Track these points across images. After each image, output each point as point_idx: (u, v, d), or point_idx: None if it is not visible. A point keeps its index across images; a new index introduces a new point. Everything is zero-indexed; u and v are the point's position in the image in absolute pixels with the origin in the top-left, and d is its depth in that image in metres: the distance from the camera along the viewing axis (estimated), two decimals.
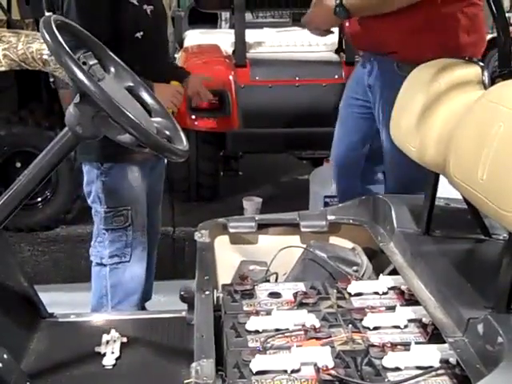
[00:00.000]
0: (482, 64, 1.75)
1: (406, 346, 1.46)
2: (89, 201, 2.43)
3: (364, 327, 1.56)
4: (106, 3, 2.22)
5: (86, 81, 1.35)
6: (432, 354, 1.42)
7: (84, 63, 1.45)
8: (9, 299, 1.83)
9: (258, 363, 1.39)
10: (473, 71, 1.73)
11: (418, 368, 1.40)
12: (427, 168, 1.80)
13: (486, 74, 1.72)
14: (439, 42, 2.26)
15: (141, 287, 2.46)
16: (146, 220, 2.45)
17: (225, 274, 1.95)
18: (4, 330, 1.67)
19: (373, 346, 1.48)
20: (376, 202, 2.07)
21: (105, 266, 2.41)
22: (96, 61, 1.49)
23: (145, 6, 2.33)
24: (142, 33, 2.29)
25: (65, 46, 1.36)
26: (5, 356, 1.49)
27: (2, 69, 3.52)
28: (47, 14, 3.91)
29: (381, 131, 2.50)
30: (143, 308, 2.59)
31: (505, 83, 1.45)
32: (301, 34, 4.33)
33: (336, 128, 2.74)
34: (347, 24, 2.50)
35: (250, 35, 4.19)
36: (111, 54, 1.62)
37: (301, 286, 1.76)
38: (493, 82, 1.71)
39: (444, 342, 1.40)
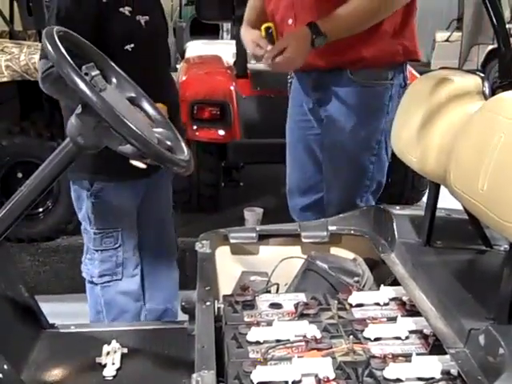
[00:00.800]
0: (482, 75, 1.76)
1: (408, 357, 1.46)
2: (79, 217, 2.38)
3: (365, 338, 1.56)
4: (90, 13, 2.09)
5: (87, 91, 1.35)
6: (433, 366, 1.42)
7: (86, 74, 1.45)
8: (9, 310, 1.83)
9: (258, 374, 1.39)
10: (473, 82, 1.74)
11: (420, 379, 1.40)
12: (427, 178, 1.81)
13: (486, 84, 1.72)
14: (400, 45, 2.27)
15: (135, 303, 2.40)
16: (137, 240, 2.38)
17: (226, 285, 1.94)
18: (5, 341, 1.67)
19: (374, 357, 1.48)
20: (377, 212, 2.08)
21: (96, 284, 2.37)
22: (98, 71, 1.50)
23: (138, 17, 2.20)
24: (132, 45, 2.17)
25: (67, 56, 1.37)
26: (5, 366, 1.49)
27: (5, 79, 3.53)
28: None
29: (323, 138, 2.37)
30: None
31: (505, 94, 1.45)
32: None
33: (288, 159, 2.56)
34: None
35: None
36: (113, 64, 1.63)
37: (302, 297, 1.76)
38: (493, 92, 1.72)
39: (445, 354, 1.40)
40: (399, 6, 2.18)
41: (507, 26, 2.04)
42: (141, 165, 1.90)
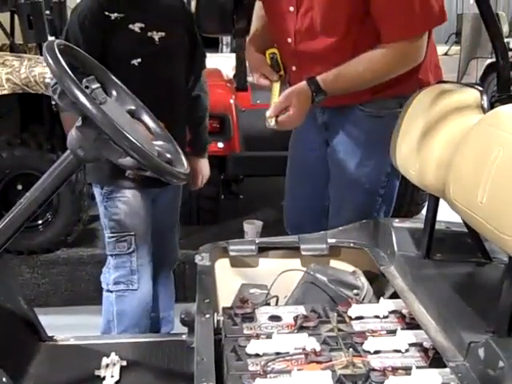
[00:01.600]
0: (481, 88, 1.76)
1: (407, 370, 1.46)
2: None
3: (365, 351, 1.56)
4: (96, 31, 2.14)
5: (88, 104, 1.36)
6: (433, 379, 1.41)
7: (86, 87, 1.46)
8: (8, 322, 1.83)
9: None
10: (472, 96, 1.74)
11: None
12: (427, 191, 1.81)
13: (485, 98, 1.73)
14: (415, 79, 2.12)
15: (147, 316, 2.41)
16: (151, 248, 2.41)
17: (225, 297, 1.94)
18: (3, 353, 1.66)
19: (374, 370, 1.47)
20: (376, 225, 2.07)
21: (111, 292, 2.38)
22: (98, 84, 1.51)
23: (150, 33, 2.22)
24: (139, 59, 2.19)
25: (67, 70, 1.38)
26: (4, 379, 1.48)
27: (5, 92, 3.53)
28: (50, 38, 3.94)
29: (330, 163, 2.29)
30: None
31: (503, 108, 1.45)
32: None
33: (288, 176, 2.48)
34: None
35: None
36: (113, 77, 1.63)
37: (301, 310, 1.76)
38: (492, 106, 1.72)
39: (445, 367, 1.40)
40: (408, 67, 2.05)
41: (505, 40, 2.05)
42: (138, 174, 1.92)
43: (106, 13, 2.17)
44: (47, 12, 4.76)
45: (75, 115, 1.45)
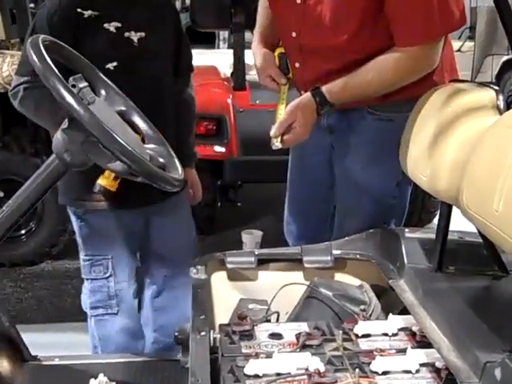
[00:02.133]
0: (496, 88, 1.76)
1: None
2: None
3: (372, 372, 1.55)
4: (67, 28, 2.05)
5: (75, 104, 1.36)
6: None
7: (73, 86, 1.46)
8: None
9: None
10: (487, 95, 1.74)
11: None
12: (439, 199, 1.81)
13: (501, 98, 1.73)
14: (430, 82, 2.08)
15: (135, 342, 2.38)
16: (134, 270, 2.36)
17: (222, 314, 1.94)
18: None
19: None
20: (385, 235, 2.08)
21: (90, 316, 2.35)
22: (86, 83, 1.51)
23: (128, 34, 2.13)
24: (115, 63, 2.09)
25: (53, 67, 1.38)
26: None
27: None
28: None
29: (335, 168, 2.28)
30: None
31: None
32: None
33: (289, 182, 2.47)
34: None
35: (250, 56, 4.23)
36: (102, 76, 1.64)
37: (304, 327, 1.76)
38: (508, 106, 1.72)
39: None
40: (421, 75, 2.03)
41: None
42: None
43: (79, 9, 2.09)
44: (31, 5, 4.78)
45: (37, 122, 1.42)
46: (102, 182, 1.83)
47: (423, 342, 1.65)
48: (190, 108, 2.46)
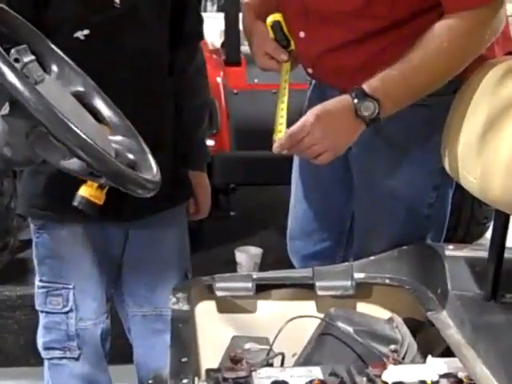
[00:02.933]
0: None
1: None
2: None
3: None
4: None
5: (17, 84, 1.36)
6: None
7: (16, 60, 1.46)
8: None
9: None
10: None
11: None
12: (492, 206, 1.81)
13: None
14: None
15: None
16: (105, 304, 2.35)
17: (210, 355, 1.94)
18: None
19: None
20: (422, 253, 2.08)
21: (44, 359, 2.34)
22: (33, 57, 1.51)
23: None
24: (86, 31, 2.07)
25: None
26: None
27: None
28: None
29: (352, 168, 2.29)
30: None
31: None
32: None
33: (294, 188, 2.50)
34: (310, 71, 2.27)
35: None
36: (54, 47, 1.64)
37: (317, 373, 1.76)
38: None
39: None
40: (489, 43, 2.01)
41: None
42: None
43: None
44: None
45: None
46: (84, 192, 1.69)
47: None
48: (198, 90, 2.42)
